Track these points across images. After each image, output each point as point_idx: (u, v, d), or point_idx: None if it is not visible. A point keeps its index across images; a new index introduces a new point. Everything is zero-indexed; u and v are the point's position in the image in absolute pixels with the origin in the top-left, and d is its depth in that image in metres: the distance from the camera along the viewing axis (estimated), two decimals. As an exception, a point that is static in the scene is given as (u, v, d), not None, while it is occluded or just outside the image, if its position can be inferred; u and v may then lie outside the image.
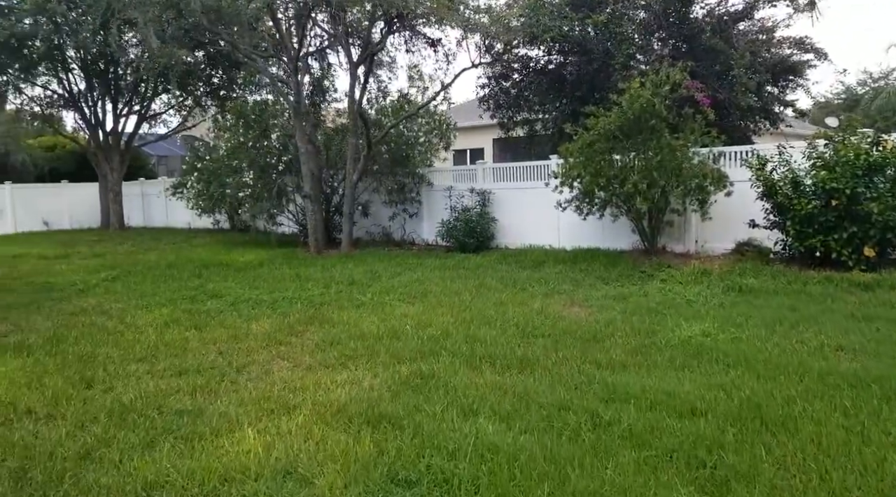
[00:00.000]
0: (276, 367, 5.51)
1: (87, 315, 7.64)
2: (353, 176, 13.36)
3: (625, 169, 9.98)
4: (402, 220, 14.83)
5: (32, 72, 17.58)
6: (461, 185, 14.04)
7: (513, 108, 15.79)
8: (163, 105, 21.67)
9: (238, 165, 14.28)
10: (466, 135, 21.69)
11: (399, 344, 6.00)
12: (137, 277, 10.37)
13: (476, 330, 6.43)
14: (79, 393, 4.83)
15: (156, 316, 7.47)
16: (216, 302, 8.26)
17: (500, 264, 10.91)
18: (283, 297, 8.40)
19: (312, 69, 14.91)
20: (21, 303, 8.53)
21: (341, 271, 10.41)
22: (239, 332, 6.66)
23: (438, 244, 13.90)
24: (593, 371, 5.07)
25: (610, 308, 7.43)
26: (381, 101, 15.22)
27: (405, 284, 9.14)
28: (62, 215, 22.07)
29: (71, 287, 9.71)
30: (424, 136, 15.37)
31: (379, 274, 10.09)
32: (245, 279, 9.86)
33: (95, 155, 20.69)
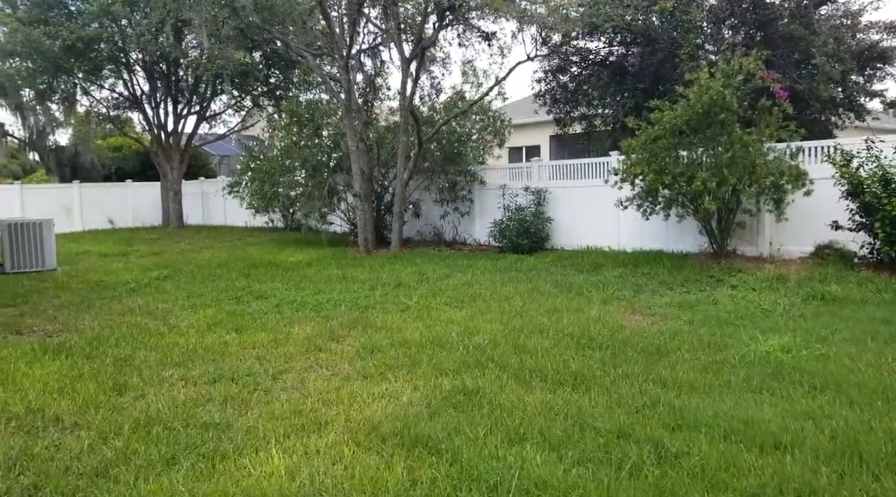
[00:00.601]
0: (313, 375, 5.20)
1: (133, 315, 7.58)
2: (404, 174, 13.06)
3: (692, 166, 9.28)
4: (454, 220, 14.46)
5: (98, 74, 18.12)
6: (515, 183, 13.55)
7: (570, 103, 15.15)
8: (222, 105, 22.03)
9: (291, 165, 14.23)
10: (522, 132, 21.12)
11: (443, 353, 5.60)
12: (188, 277, 10.36)
13: (526, 339, 5.96)
14: (109, 400, 4.64)
15: (199, 317, 7.33)
16: (261, 303, 8.08)
17: (554, 267, 10.37)
18: (327, 299, 8.14)
19: (365, 67, 14.73)
20: (74, 301, 8.59)
21: (389, 272, 10.11)
22: (279, 336, 6.41)
23: (490, 245, 13.45)
24: (657, 391, 4.53)
25: (675, 317, 6.82)
26: (433, 98, 14.89)
27: (453, 287, 8.74)
28: (126, 213, 22.75)
29: (123, 286, 9.76)
30: (478, 133, 14.96)
31: (427, 276, 9.73)
32: (292, 280, 9.69)
33: (157, 155, 21.21)
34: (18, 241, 11.46)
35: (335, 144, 13.90)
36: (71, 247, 15.98)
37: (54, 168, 25.88)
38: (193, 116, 21.23)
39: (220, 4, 11.90)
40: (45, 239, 11.67)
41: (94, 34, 15.40)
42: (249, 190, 14.84)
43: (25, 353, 5.75)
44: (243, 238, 17.22)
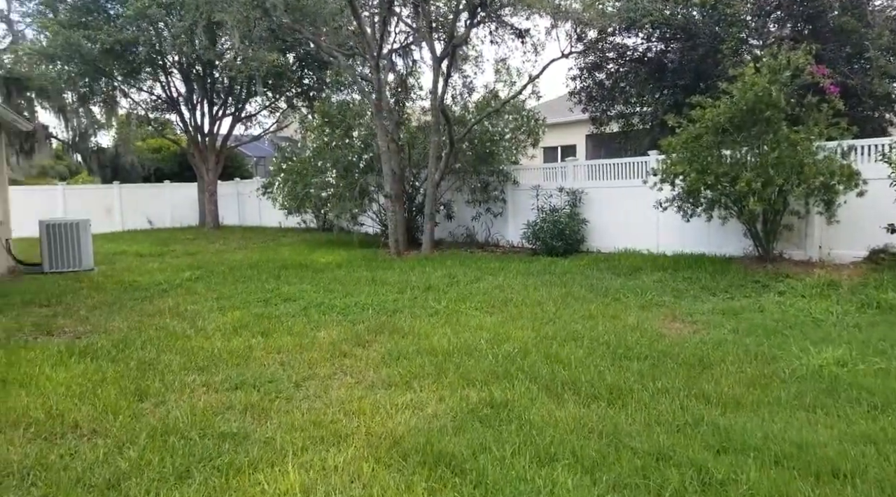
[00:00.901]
0: (336, 383, 5.03)
1: (162, 317, 7.55)
2: (436, 175, 12.87)
3: (736, 165, 8.86)
4: (486, 221, 14.22)
5: (136, 76, 18.43)
6: (549, 183, 13.23)
7: (607, 101, 14.75)
8: (256, 107, 22.21)
9: (322, 165, 14.18)
10: (558, 131, 20.74)
11: (471, 362, 5.37)
12: (219, 278, 10.35)
13: (559, 348, 5.69)
14: (129, 406, 4.55)
15: (227, 320, 7.25)
16: (288, 306, 7.97)
17: (589, 270, 10.04)
18: (355, 302, 7.99)
19: (396, 67, 14.60)
20: (106, 302, 8.62)
21: (419, 275, 9.92)
22: (305, 340, 6.27)
23: (523, 247, 13.16)
24: (700, 408, 4.22)
25: (718, 325, 6.46)
26: (465, 97, 14.67)
27: (484, 291, 8.50)
28: (164, 214, 23.14)
29: (156, 287, 9.79)
30: (511, 132, 14.68)
31: (457, 279, 9.51)
32: (321, 282, 9.58)
33: (194, 156, 21.50)
34: (56, 242, 11.64)
35: (366, 145, 13.80)
36: (109, 247, 16.26)
37: (96, 169, 26.49)
38: (229, 118, 21.46)
39: (252, 5, 11.89)
40: (81, 239, 11.83)
41: (131, 37, 15.65)
42: (282, 191, 14.85)
43: (52, 356, 5.73)
44: (276, 239, 17.28)
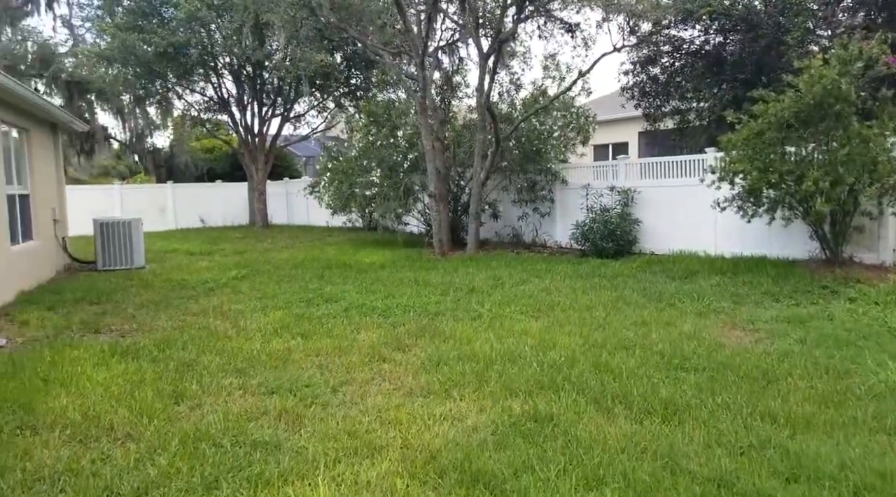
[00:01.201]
0: (374, 389, 4.85)
1: (206, 316, 7.55)
2: (481, 174, 12.62)
3: (802, 163, 8.31)
4: (533, 221, 13.88)
5: (188, 78, 18.82)
6: (600, 182, 12.80)
7: (661, 97, 14.19)
8: (305, 107, 22.42)
9: (367, 165, 14.12)
10: (609, 128, 20.18)
11: (514, 370, 5.10)
12: (264, 277, 10.37)
13: (609, 357, 5.36)
14: (165, 409, 4.47)
15: (269, 320, 7.19)
16: (330, 307, 7.87)
17: (642, 273, 9.61)
18: (397, 304, 7.82)
19: (442, 64, 14.40)
20: (154, 300, 8.71)
21: (462, 276, 9.69)
22: (344, 343, 6.13)
23: (572, 247, 12.77)
24: (766, 428, 3.85)
25: (783, 334, 6.00)
26: (511, 94, 14.35)
27: (530, 294, 8.20)
28: (216, 213, 23.59)
29: (202, 285, 9.87)
30: (559, 130, 14.29)
31: (502, 281, 9.23)
32: (364, 282, 9.46)
33: (244, 156, 21.84)
34: (109, 240, 11.91)
35: (411, 144, 13.65)
36: (162, 245, 16.64)
37: (152, 169, 27.31)
38: (278, 118, 21.71)
39: (299, 5, 11.90)
40: (133, 237, 12.07)
41: (183, 40, 15.96)
42: (328, 190, 14.87)
43: (95, 355, 5.75)
44: (323, 238, 17.35)
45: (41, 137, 10.97)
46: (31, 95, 9.00)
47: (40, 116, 10.67)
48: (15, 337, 6.74)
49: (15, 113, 9.35)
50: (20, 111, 9.56)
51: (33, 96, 9.14)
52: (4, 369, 5.31)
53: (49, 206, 11.26)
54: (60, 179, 12.15)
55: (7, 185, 9.23)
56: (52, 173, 11.81)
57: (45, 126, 11.23)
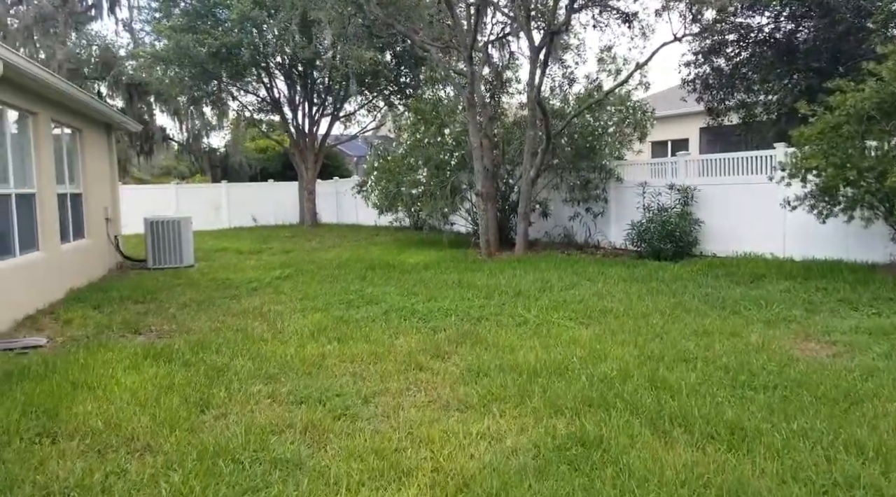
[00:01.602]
0: (408, 401, 4.53)
1: (245, 317, 7.41)
2: (530, 171, 12.15)
3: (885, 158, 7.56)
4: (586, 221, 13.32)
5: (241, 78, 18.99)
6: (658, 180, 12.14)
7: (725, 89, 13.37)
8: (355, 106, 22.38)
9: (414, 163, 13.86)
10: (667, 124, 19.32)
11: (560, 384, 4.68)
12: (307, 277, 10.23)
13: (667, 371, 4.88)
14: (189, 417, 4.26)
15: (307, 322, 6.98)
16: (370, 309, 7.60)
17: (703, 277, 8.98)
18: (439, 307, 7.48)
19: (492, 59, 13.99)
20: (197, 300, 8.66)
21: (509, 279, 9.28)
22: (381, 348, 5.83)
23: (627, 249, 12.17)
24: (852, 462, 3.32)
25: (865, 348, 5.37)
26: (564, 89, 13.82)
27: (580, 299, 7.71)
28: (268, 212, 23.86)
29: (246, 285, 9.80)
30: (615, 125, 13.68)
31: (551, 284, 8.77)
32: (406, 284, 9.17)
33: (295, 155, 21.98)
34: (159, 239, 12.04)
35: (458, 142, 13.30)
36: (213, 243, 16.84)
37: (207, 169, 27.91)
38: (328, 118, 21.76)
39: (346, 1, 11.72)
40: (183, 236, 12.17)
41: (235, 40, 16.09)
42: (374, 189, 14.69)
43: (128, 357, 5.64)
44: (370, 237, 17.21)
45: (94, 137, 11.16)
46: (81, 94, 9.10)
47: (93, 117, 10.84)
48: (56, 336, 6.74)
49: (67, 113, 9.48)
50: (72, 111, 9.71)
51: (83, 95, 9.24)
52: (37, 371, 5.24)
53: (102, 204, 11.44)
54: (114, 179, 12.37)
55: (58, 184, 9.37)
56: (106, 172, 12.02)
57: (98, 126, 11.42)
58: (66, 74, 22.57)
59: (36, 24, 23.55)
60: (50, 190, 8.64)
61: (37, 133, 8.25)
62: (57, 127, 9.36)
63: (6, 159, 7.46)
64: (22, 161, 8.05)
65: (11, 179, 7.51)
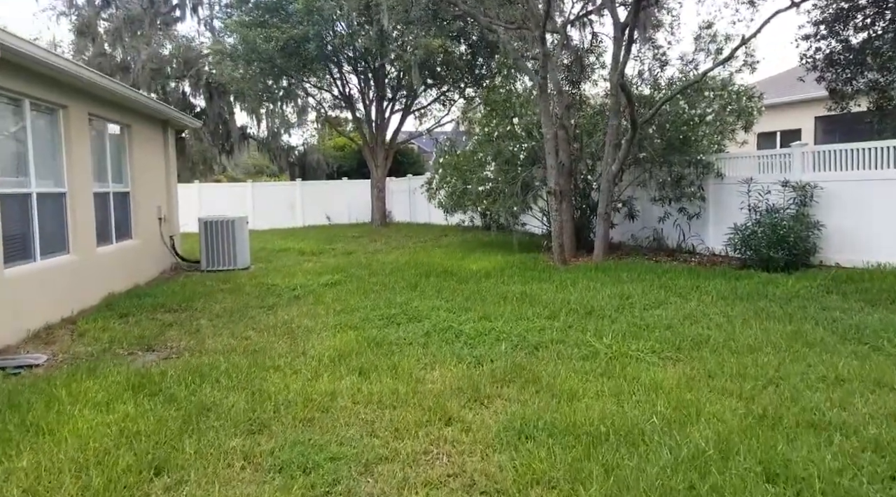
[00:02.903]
0: (421, 473, 3.36)
1: (271, 334, 6.50)
2: (612, 166, 10.61)
3: None
4: (679, 222, 11.61)
5: (308, 72, 18.36)
6: (766, 176, 10.30)
7: (853, 67, 11.21)
8: (428, 99, 21.37)
9: (482, 158, 12.65)
10: (776, 113, 17.02)
11: (631, 460, 3.35)
12: (355, 284, 9.28)
13: (788, 446, 3.43)
14: (134, 485, 3.30)
15: (333, 344, 5.96)
16: (410, 328, 6.49)
17: (827, 295, 7.24)
18: (491, 328, 6.25)
19: (571, 41, 12.50)
20: (231, 310, 7.89)
21: (582, 292, 7.88)
22: (406, 386, 4.69)
23: (728, 256, 10.41)
24: None
25: None
26: (654, 72, 12.13)
27: (667, 323, 6.23)
28: (342, 210, 23.36)
29: (290, 292, 8.98)
30: (714, 113, 11.87)
31: (632, 300, 7.30)
32: (460, 296, 7.98)
33: (366, 152, 21.29)
34: (213, 239, 11.49)
35: (529, 133, 11.93)
36: (280, 243, 16.36)
37: (285, 167, 27.86)
38: (399, 113, 20.89)
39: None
40: (237, 237, 11.57)
41: (301, 33, 15.46)
42: (439, 187, 13.60)
43: (109, 387, 4.79)
44: (437, 238, 16.17)
45: (146, 134, 10.72)
46: (118, 87, 8.54)
47: (143, 112, 10.38)
48: (62, 352, 6.08)
49: (108, 107, 8.99)
50: (115, 106, 9.21)
51: (122, 89, 8.69)
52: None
53: (154, 203, 11.01)
54: (170, 177, 11.95)
55: (100, 182, 8.89)
56: (161, 170, 11.61)
57: (151, 122, 10.98)
58: (148, 74, 23.03)
59: (125, 27, 24.21)
60: (85, 189, 8.12)
61: (68, 128, 7.72)
62: (97, 122, 8.87)
63: (26, 156, 6.91)
64: (51, 158, 7.53)
65: (33, 178, 6.96)
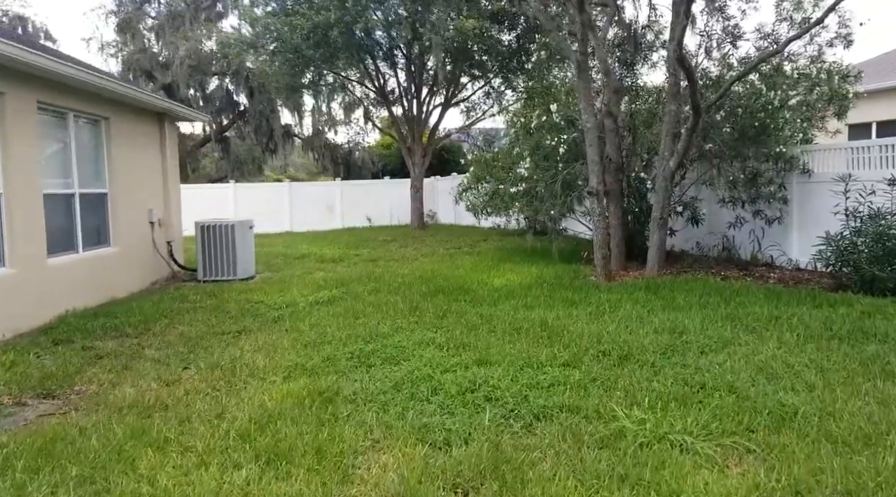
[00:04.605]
0: None
1: (205, 377, 5.12)
2: (670, 161, 8.68)
3: None
4: (754, 229, 9.58)
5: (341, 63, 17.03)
6: (866, 172, 8.19)
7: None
8: (471, 92, 19.72)
9: (519, 153, 10.94)
10: (874, 101, 14.42)
11: None
12: (348, 304, 7.80)
13: None
14: None
15: (268, 398, 4.49)
16: (380, 374, 4.94)
17: (967, 338, 5.18)
18: (483, 381, 4.59)
19: (623, 11, 10.62)
20: (189, 336, 6.57)
21: (621, 322, 6.08)
22: (328, 487, 3.13)
23: (817, 271, 8.34)
24: None
25: None
26: (724, 49, 10.09)
27: (732, 380, 4.36)
28: (383, 211, 22.03)
29: (272, 312, 7.63)
30: (800, 96, 9.77)
31: (686, 339, 5.45)
32: (464, 325, 6.33)
33: (403, 149, 19.86)
34: (210, 246, 10.30)
35: (570, 121, 10.11)
36: (303, 248, 15.17)
37: (330, 166, 26.88)
38: (438, 108, 19.32)
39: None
40: (237, 244, 10.33)
41: (325, 19, 14.14)
42: (468, 188, 11.97)
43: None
44: (475, 243, 14.55)
45: (133, 127, 9.61)
46: (74, 70, 7.35)
47: (126, 103, 9.26)
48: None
49: (74, 96, 7.87)
50: (85, 94, 8.09)
51: (80, 72, 7.50)
52: None
53: (144, 206, 9.90)
54: (168, 176, 10.82)
55: (59, 181, 7.78)
56: (155, 169, 10.51)
57: (139, 114, 9.87)
58: (186, 71, 22.46)
59: (168, 23, 23.79)
60: (29, 190, 7.00)
61: (3, 118, 6.59)
62: (53, 112, 7.75)
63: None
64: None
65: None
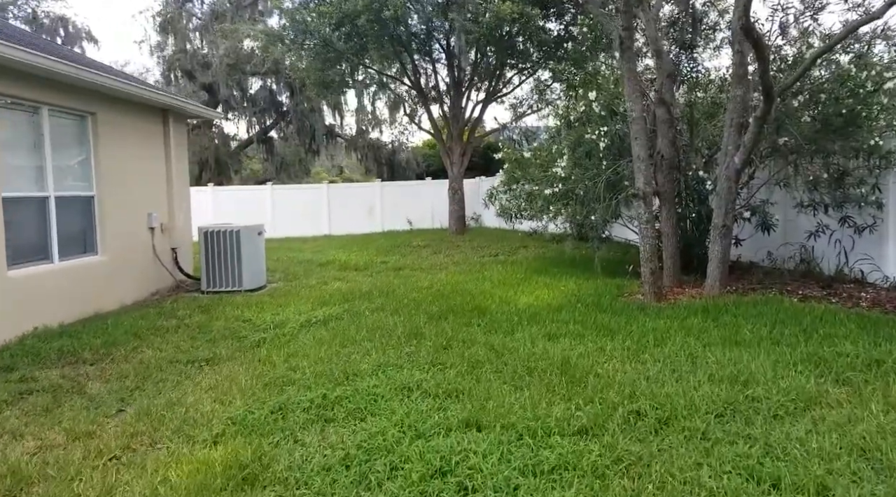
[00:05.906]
0: None
1: (126, 432, 4.11)
2: (735, 156, 7.15)
3: None
4: (840, 239, 7.92)
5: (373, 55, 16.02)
6: None
7: None
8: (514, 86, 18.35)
9: (558, 150, 9.62)
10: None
11: None
12: (344, 326, 6.69)
13: None
14: None
15: (184, 468, 3.41)
16: (333, 437, 3.79)
17: None
18: (461, 458, 3.36)
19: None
20: (151, 364, 5.65)
21: (667, 361, 4.70)
22: None
23: (925, 295, 6.66)
24: None
25: None
26: (804, 24, 8.45)
27: (822, 467, 2.96)
28: (425, 213, 20.98)
29: (257, 334, 6.63)
30: (898, 76, 8.06)
31: (753, 392, 4.00)
32: (467, 360, 5.09)
33: (440, 148, 18.72)
34: (215, 254, 9.44)
35: (613, 111, 8.70)
36: (331, 254, 14.27)
37: (373, 167, 26.07)
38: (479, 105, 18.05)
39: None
40: (242, 251, 9.43)
41: (353, 6, 13.16)
42: (501, 190, 10.72)
43: None
44: (514, 251, 13.28)
45: (128, 124, 8.84)
46: (36, 58, 6.54)
47: (117, 97, 8.48)
48: None
49: (47, 89, 7.10)
50: (62, 86, 7.32)
51: (51, 62, 6.70)
52: None
53: (142, 210, 9.13)
54: (172, 177, 10.03)
55: (30, 184, 7.01)
56: (157, 169, 9.73)
57: (136, 110, 9.09)
58: (225, 69, 22.05)
59: (210, 22, 23.52)
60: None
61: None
62: (21, 107, 6.99)
63: None
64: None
65: None
